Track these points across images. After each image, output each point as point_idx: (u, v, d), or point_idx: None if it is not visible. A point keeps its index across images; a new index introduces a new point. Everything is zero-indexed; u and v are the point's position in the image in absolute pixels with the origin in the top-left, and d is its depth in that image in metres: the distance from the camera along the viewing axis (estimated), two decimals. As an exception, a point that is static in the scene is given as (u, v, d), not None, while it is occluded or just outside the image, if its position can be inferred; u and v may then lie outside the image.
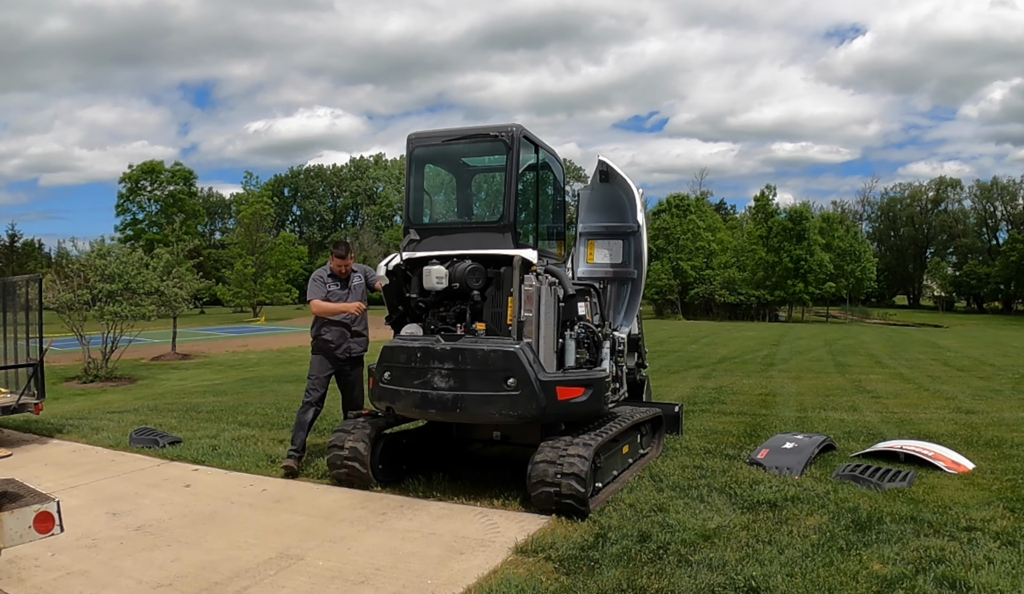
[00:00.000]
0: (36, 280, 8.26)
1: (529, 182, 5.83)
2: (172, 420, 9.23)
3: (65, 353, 18.46)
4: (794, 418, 9.21)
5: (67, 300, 16.85)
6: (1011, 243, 69.93)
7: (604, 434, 5.45)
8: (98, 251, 18.37)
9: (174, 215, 48.65)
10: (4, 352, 8.66)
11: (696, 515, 5.00)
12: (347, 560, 4.32)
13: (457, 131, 5.88)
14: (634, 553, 4.30)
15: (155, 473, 6.49)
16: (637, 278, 7.20)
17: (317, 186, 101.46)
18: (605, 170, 7.16)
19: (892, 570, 3.99)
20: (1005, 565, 4.02)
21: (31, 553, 4.27)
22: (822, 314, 65.38)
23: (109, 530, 4.88)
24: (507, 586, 3.85)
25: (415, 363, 5.40)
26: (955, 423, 8.79)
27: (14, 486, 3.61)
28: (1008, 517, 4.87)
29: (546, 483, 4.96)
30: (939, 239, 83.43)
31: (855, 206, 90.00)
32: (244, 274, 60.80)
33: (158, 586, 3.96)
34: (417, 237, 5.82)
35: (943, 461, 6.36)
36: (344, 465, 5.77)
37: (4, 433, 8.19)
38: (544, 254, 5.73)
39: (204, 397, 12.96)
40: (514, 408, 5.14)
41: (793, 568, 4.04)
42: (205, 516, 5.20)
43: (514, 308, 5.34)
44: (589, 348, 5.79)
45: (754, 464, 6.33)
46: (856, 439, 7.67)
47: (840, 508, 5.09)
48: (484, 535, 4.74)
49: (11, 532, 3.34)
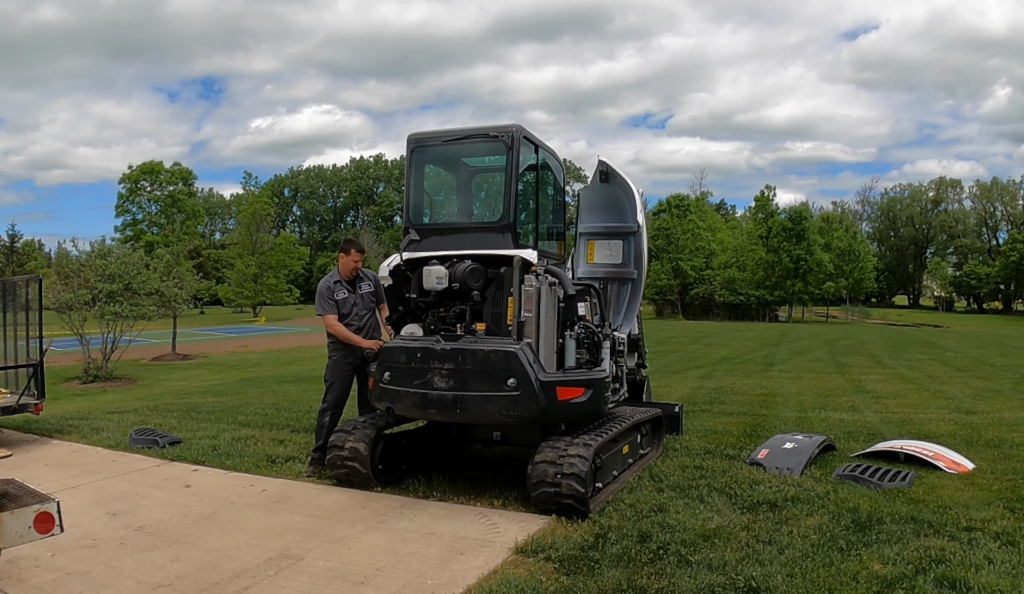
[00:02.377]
0: (36, 280, 8.25)
1: (529, 182, 5.83)
2: (172, 420, 9.23)
3: (65, 353, 18.46)
4: (794, 418, 9.21)
5: (67, 300, 16.86)
6: (1011, 243, 69.89)
7: (604, 434, 5.45)
8: (98, 251, 18.38)
9: (174, 215, 48.71)
10: (4, 352, 8.66)
11: (696, 515, 5.00)
12: (347, 560, 4.32)
13: (457, 131, 5.88)
14: (634, 553, 4.30)
15: (155, 473, 6.49)
16: (637, 278, 7.21)
17: (317, 186, 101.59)
18: (605, 170, 7.16)
19: (892, 570, 3.99)
20: (1005, 565, 4.02)
21: (31, 553, 4.28)
22: (822, 314, 65.28)
23: (109, 530, 4.88)
24: (507, 586, 3.85)
25: (415, 363, 5.40)
26: (955, 423, 8.79)
27: (14, 486, 3.62)
28: (1008, 517, 4.88)
29: (546, 483, 4.96)
30: (939, 239, 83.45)
31: (855, 206, 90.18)
32: (245, 274, 60.86)
33: (158, 586, 3.96)
34: (417, 237, 5.82)
35: (943, 461, 6.36)
36: (344, 465, 5.77)
37: (4, 433, 8.19)
38: (544, 254, 5.73)
39: (204, 397, 12.96)
40: (514, 408, 5.14)
41: (793, 568, 4.04)
42: (205, 516, 5.20)
43: (514, 308, 5.33)
44: (589, 348, 5.78)
45: (754, 464, 6.33)
46: (856, 439, 7.67)
47: (840, 508, 5.09)
48: (484, 535, 4.74)
49: (11, 532, 3.34)
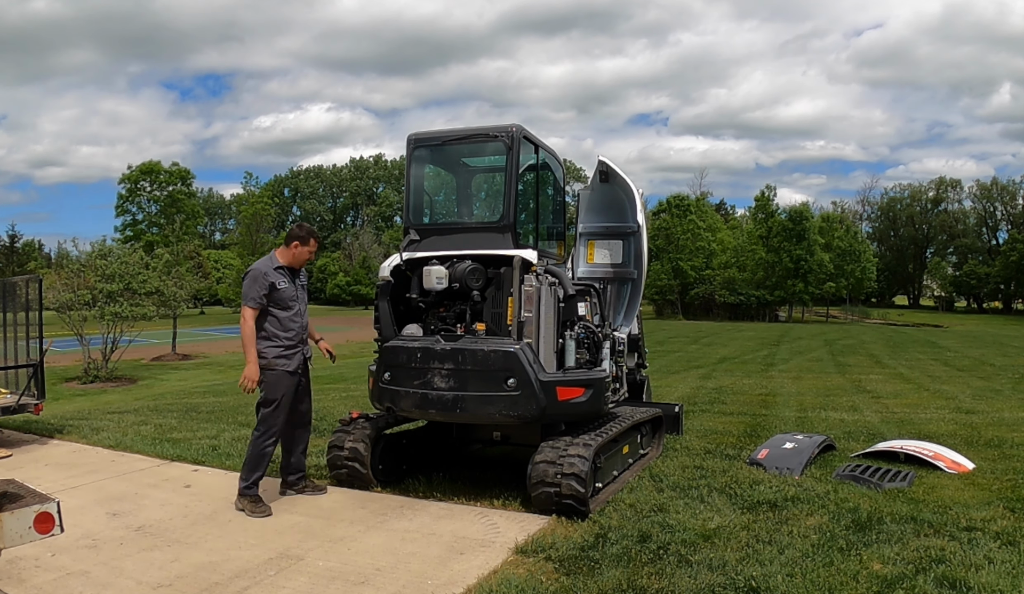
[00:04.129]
0: (36, 280, 8.25)
1: (529, 182, 5.83)
2: (172, 420, 9.23)
3: (65, 353, 18.46)
4: (794, 418, 9.21)
5: (67, 300, 16.85)
6: (1011, 243, 69.92)
7: (604, 434, 5.45)
8: (98, 251, 18.37)
9: (174, 216, 48.70)
10: (4, 352, 8.66)
11: (696, 515, 5.00)
12: (347, 560, 4.32)
13: (457, 131, 5.88)
14: (634, 553, 4.30)
15: (155, 473, 6.49)
16: (637, 278, 7.21)
17: (317, 186, 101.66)
18: (605, 170, 7.16)
19: (892, 570, 3.99)
20: (1005, 565, 4.02)
21: (31, 553, 4.27)
22: (822, 314, 65.30)
23: (109, 530, 4.88)
24: (507, 586, 3.84)
25: (415, 363, 5.40)
26: (955, 423, 8.79)
27: (14, 486, 3.61)
28: (1008, 517, 4.88)
29: (546, 483, 4.96)
30: (939, 239, 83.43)
31: (855, 206, 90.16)
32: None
33: (158, 586, 3.96)
34: (417, 237, 5.82)
35: (943, 461, 6.36)
36: (344, 465, 5.77)
37: (4, 433, 8.19)
38: (544, 254, 5.72)
39: (204, 397, 12.97)
40: (514, 408, 5.14)
41: (793, 568, 4.04)
42: (205, 516, 5.20)
43: (514, 308, 5.33)
44: (589, 348, 5.78)
45: (754, 464, 6.34)
46: (856, 439, 7.68)
47: (840, 508, 5.09)
48: (484, 535, 4.74)
49: (11, 532, 3.34)
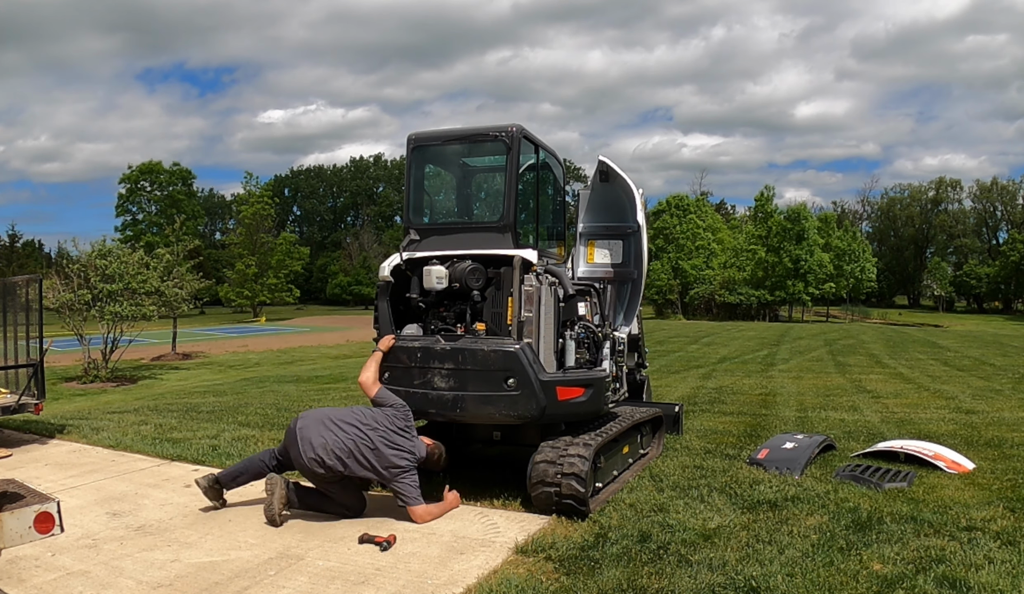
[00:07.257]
0: (36, 280, 8.25)
1: (529, 182, 5.83)
2: (172, 420, 9.23)
3: (65, 353, 18.48)
4: (794, 418, 9.21)
5: (67, 300, 16.84)
6: (1011, 243, 70.00)
7: (604, 434, 5.45)
8: (99, 251, 18.35)
9: (174, 216, 48.55)
10: (4, 352, 8.65)
11: (696, 515, 5.00)
12: (347, 560, 4.32)
13: (457, 131, 5.88)
14: (634, 553, 4.30)
15: (155, 473, 6.49)
16: (637, 278, 7.20)
17: (317, 186, 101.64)
18: (605, 170, 7.15)
19: (892, 570, 3.99)
20: (1005, 565, 4.02)
21: (31, 553, 4.28)
22: (822, 314, 65.30)
23: (109, 530, 4.88)
24: (507, 586, 3.84)
25: (415, 363, 5.40)
26: (955, 423, 8.79)
27: (14, 486, 3.61)
28: (1008, 517, 4.88)
29: (546, 483, 4.96)
30: (939, 239, 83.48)
31: (855, 206, 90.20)
32: (245, 274, 60.95)
33: (158, 586, 3.96)
34: (417, 237, 5.82)
35: (943, 461, 6.36)
36: (344, 465, 5.75)
37: (4, 433, 8.19)
38: (544, 254, 5.73)
39: (204, 397, 12.97)
40: (514, 408, 5.14)
41: (793, 568, 4.04)
42: (205, 516, 5.20)
43: (514, 308, 5.33)
44: (589, 348, 5.78)
45: (754, 464, 6.34)
46: (856, 439, 7.67)
47: (840, 508, 5.09)
48: (484, 535, 4.74)
49: (11, 532, 3.34)
